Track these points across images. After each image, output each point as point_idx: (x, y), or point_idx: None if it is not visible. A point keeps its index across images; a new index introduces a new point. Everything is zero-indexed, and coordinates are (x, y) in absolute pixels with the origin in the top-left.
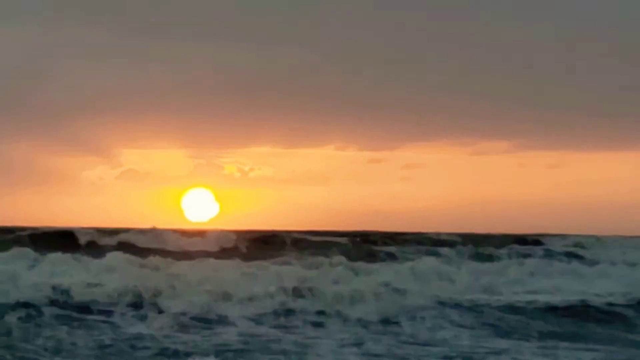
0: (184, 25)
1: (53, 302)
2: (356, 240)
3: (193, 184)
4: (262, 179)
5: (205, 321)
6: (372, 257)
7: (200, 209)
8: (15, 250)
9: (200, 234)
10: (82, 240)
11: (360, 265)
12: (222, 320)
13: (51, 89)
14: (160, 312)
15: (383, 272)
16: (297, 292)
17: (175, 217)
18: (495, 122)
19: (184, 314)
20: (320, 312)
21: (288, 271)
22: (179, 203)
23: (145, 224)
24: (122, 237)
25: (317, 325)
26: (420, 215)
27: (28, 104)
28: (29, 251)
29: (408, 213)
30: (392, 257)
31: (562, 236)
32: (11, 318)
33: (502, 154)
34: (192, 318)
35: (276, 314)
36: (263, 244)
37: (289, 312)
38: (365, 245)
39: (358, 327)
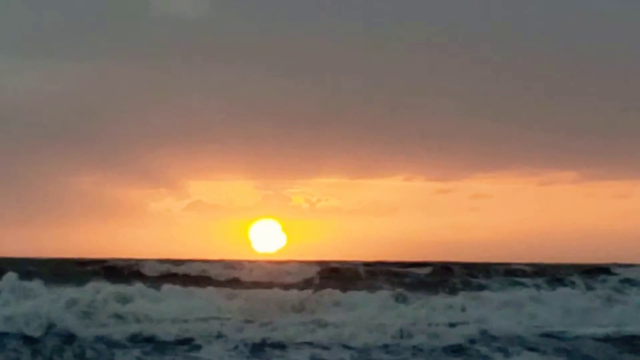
0: (250, 56)
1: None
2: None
3: (260, 215)
4: (330, 210)
5: None
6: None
7: (267, 240)
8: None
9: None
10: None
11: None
12: None
13: (121, 122)
14: None
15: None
16: None
17: (242, 248)
18: (563, 152)
19: None
20: None
21: None
22: (247, 234)
23: (213, 256)
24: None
25: None
26: (488, 245)
27: (97, 137)
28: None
29: (476, 243)
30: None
31: (632, 266)
32: None
33: (570, 184)
34: None
35: None
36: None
37: None
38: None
39: None
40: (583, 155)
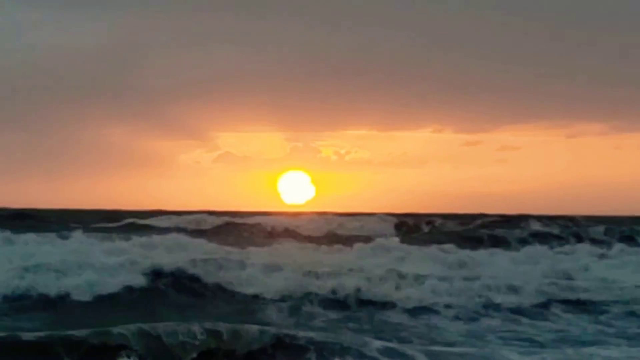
0: (281, 8)
1: None
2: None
3: (290, 167)
4: (359, 162)
5: None
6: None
7: (296, 191)
8: None
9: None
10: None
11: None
12: None
13: (150, 74)
14: None
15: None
16: None
17: (271, 199)
18: (591, 104)
19: None
20: None
21: None
22: (276, 186)
23: (243, 207)
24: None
25: None
26: (515, 197)
27: (127, 90)
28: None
29: (504, 195)
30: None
31: None
32: None
33: (598, 136)
34: None
35: None
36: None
37: None
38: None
39: None
40: (611, 107)
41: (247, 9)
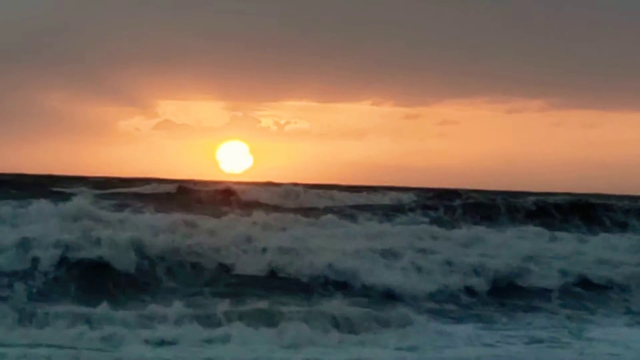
0: None
1: None
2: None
3: (229, 136)
4: (298, 133)
5: None
6: None
7: (235, 161)
8: None
9: None
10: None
11: None
12: None
13: (90, 40)
14: None
15: None
16: None
17: (210, 168)
18: (531, 80)
19: None
20: None
21: None
22: (214, 155)
23: (179, 175)
24: None
25: None
26: (455, 172)
27: (66, 55)
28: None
29: (443, 169)
30: None
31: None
32: None
33: (537, 112)
34: None
35: None
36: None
37: None
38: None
39: None
40: (550, 84)
41: None
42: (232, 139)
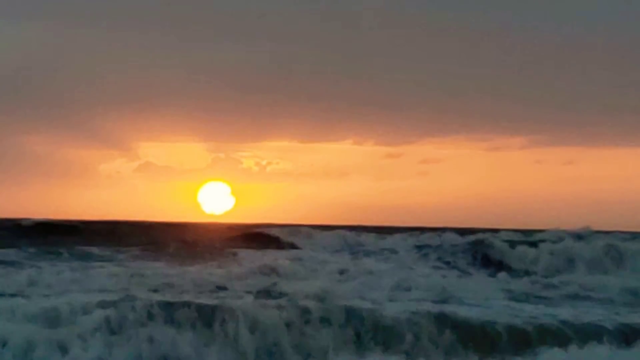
0: (203, 22)
1: None
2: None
3: (211, 177)
4: (280, 173)
5: None
6: None
7: (216, 202)
8: None
9: None
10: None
11: None
12: None
13: (71, 82)
14: None
15: None
16: None
17: (191, 210)
18: (512, 118)
19: None
20: None
21: None
22: (196, 196)
23: (162, 217)
24: None
25: None
26: (437, 210)
27: (49, 98)
28: None
29: (425, 208)
30: None
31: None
32: None
33: (518, 150)
34: None
35: None
36: None
37: None
38: None
39: None
40: (531, 122)
41: (172, 22)
42: (213, 179)
